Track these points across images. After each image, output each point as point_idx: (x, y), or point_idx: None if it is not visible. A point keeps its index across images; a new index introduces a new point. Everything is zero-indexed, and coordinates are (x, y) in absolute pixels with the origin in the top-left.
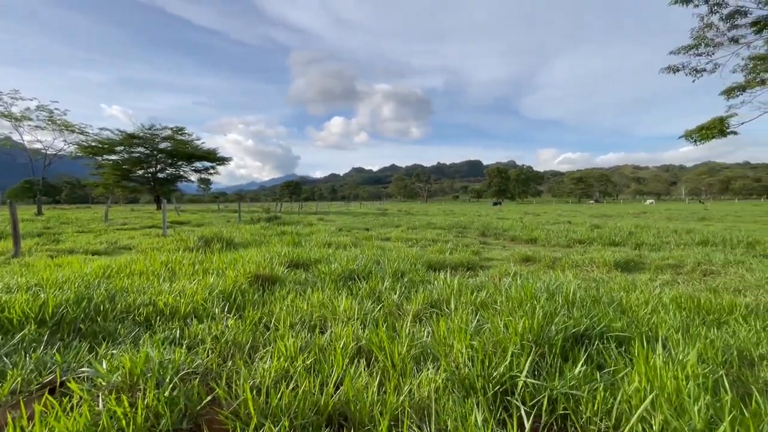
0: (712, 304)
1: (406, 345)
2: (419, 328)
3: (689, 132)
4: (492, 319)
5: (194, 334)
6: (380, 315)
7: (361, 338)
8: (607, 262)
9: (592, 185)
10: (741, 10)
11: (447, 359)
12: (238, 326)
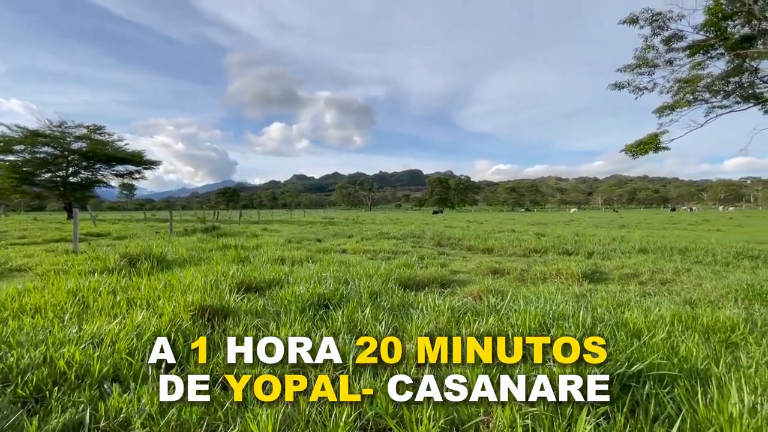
0: (713, 322)
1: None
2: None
3: (629, 146)
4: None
5: (115, 410)
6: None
7: (366, 410)
8: (574, 274)
9: (524, 195)
10: (678, 35)
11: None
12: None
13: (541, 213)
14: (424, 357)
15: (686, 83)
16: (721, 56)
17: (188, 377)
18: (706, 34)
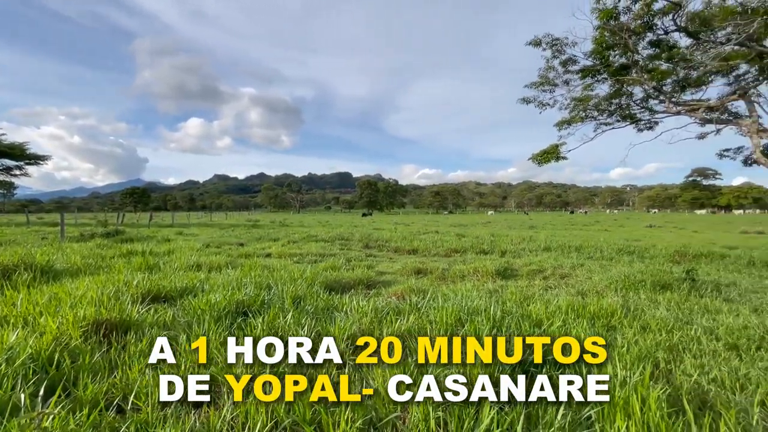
0: (598, 309)
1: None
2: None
3: (535, 155)
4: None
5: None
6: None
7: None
8: (489, 271)
9: (447, 198)
10: (573, 59)
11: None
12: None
13: (462, 215)
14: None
15: (580, 102)
16: (605, 80)
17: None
18: (593, 61)
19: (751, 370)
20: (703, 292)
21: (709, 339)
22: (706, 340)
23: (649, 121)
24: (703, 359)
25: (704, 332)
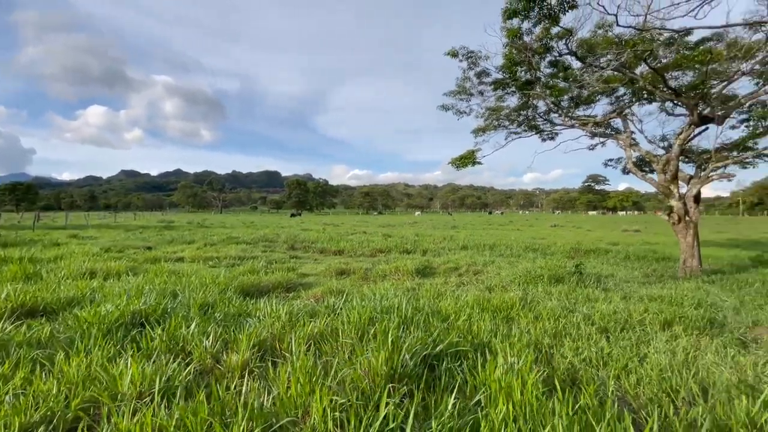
0: (500, 303)
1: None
2: (252, 386)
3: (454, 160)
4: (340, 356)
5: None
6: (191, 378)
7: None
8: (409, 270)
9: (377, 199)
10: (486, 72)
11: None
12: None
13: (391, 216)
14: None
15: (493, 111)
16: (514, 93)
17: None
18: (504, 75)
19: (614, 349)
20: (587, 283)
21: (587, 324)
22: (584, 326)
23: (551, 132)
24: (579, 342)
25: (583, 318)
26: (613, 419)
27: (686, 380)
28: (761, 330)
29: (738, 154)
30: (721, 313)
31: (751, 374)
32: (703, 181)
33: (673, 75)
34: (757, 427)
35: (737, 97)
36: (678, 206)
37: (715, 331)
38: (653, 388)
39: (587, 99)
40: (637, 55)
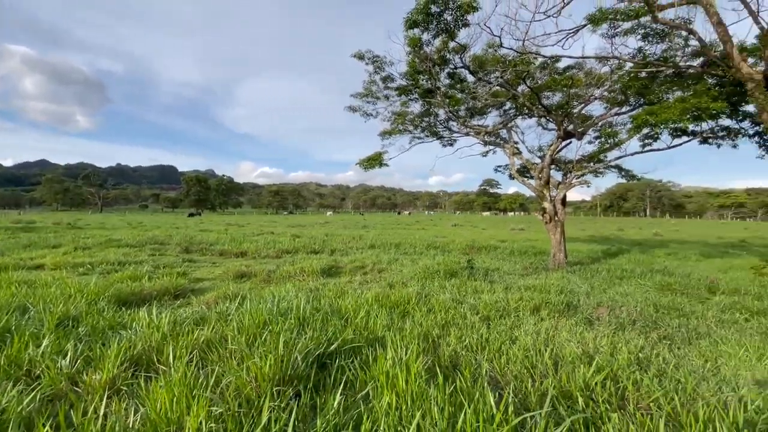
0: (398, 298)
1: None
2: (117, 407)
3: (362, 161)
4: (228, 364)
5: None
6: (34, 407)
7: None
8: (315, 270)
9: (287, 198)
10: (391, 77)
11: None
12: None
13: (303, 216)
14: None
15: (398, 116)
16: (417, 100)
17: None
18: (407, 81)
19: (492, 334)
20: (477, 276)
21: (473, 314)
22: (470, 315)
23: (450, 138)
24: (464, 330)
25: (470, 309)
26: (481, 397)
27: (543, 356)
28: (602, 309)
29: (593, 165)
30: (576, 297)
31: (592, 346)
32: (567, 187)
33: (546, 95)
34: (590, 389)
35: (592, 117)
36: (549, 207)
37: (570, 312)
38: (518, 366)
39: (480, 110)
40: (518, 74)
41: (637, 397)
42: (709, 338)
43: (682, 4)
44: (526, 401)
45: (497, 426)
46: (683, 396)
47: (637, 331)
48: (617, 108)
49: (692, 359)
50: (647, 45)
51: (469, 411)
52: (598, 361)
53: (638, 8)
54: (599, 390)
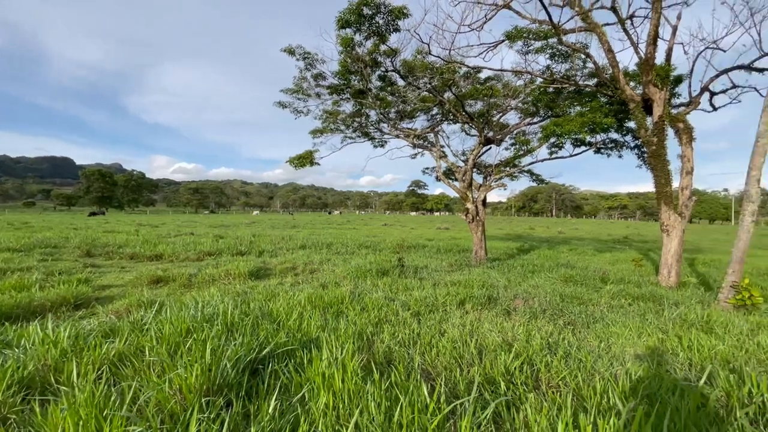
0: (332, 298)
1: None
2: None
3: (292, 159)
4: (147, 378)
5: None
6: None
7: None
8: (242, 273)
9: (208, 196)
10: (323, 75)
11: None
12: None
13: (226, 215)
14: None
15: (330, 115)
16: (349, 100)
17: None
18: (339, 81)
19: (422, 329)
20: (407, 274)
21: (404, 310)
22: (402, 312)
23: (381, 139)
24: (396, 327)
25: (402, 305)
26: (415, 389)
27: (469, 347)
28: (518, 301)
29: (509, 169)
30: (496, 290)
31: (510, 335)
32: (487, 189)
33: (469, 103)
34: (510, 373)
35: (509, 126)
36: (472, 208)
37: (491, 305)
38: (447, 357)
39: (410, 114)
40: (445, 81)
41: (549, 377)
42: (603, 322)
43: (581, 31)
44: (456, 389)
45: (431, 415)
46: (584, 373)
47: (547, 319)
48: (530, 118)
49: (590, 341)
50: (554, 63)
51: (405, 403)
52: (516, 348)
53: (547, 30)
54: (518, 374)
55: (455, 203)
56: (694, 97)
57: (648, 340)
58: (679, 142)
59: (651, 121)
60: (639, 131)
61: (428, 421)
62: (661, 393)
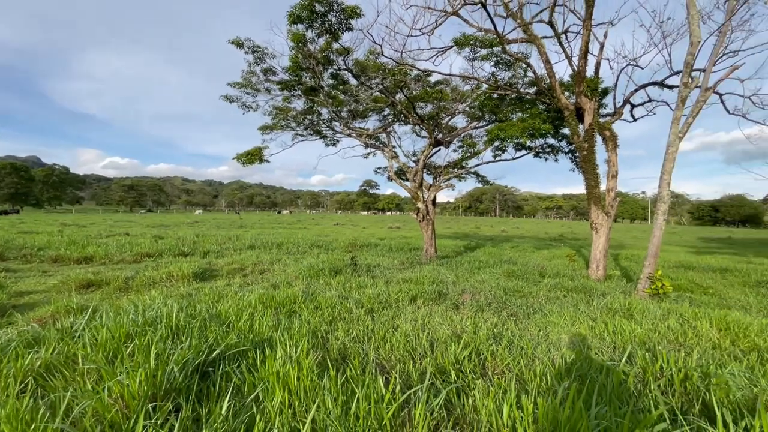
0: (284, 298)
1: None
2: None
3: (239, 155)
4: (81, 387)
5: None
6: None
7: None
8: (186, 274)
9: (145, 194)
10: (273, 70)
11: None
12: None
13: (166, 214)
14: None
15: (280, 111)
16: (300, 97)
17: None
18: (290, 77)
19: (376, 325)
20: (360, 273)
21: (358, 308)
22: (355, 309)
23: (333, 138)
24: (350, 324)
25: (355, 303)
26: (370, 382)
27: (421, 340)
28: (466, 296)
29: (457, 170)
30: (445, 286)
31: (459, 327)
32: (436, 189)
33: (419, 105)
34: (459, 363)
35: (457, 129)
36: (422, 207)
37: (441, 300)
38: (401, 351)
39: (362, 113)
40: (396, 83)
41: (494, 364)
42: (541, 312)
43: (522, 42)
44: (410, 380)
45: (387, 405)
46: (526, 359)
47: (492, 311)
48: (476, 122)
49: (531, 330)
50: (498, 71)
51: (362, 396)
52: (465, 339)
53: (492, 39)
54: (467, 363)
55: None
56: (617, 108)
57: (580, 327)
58: (606, 148)
59: (582, 129)
60: (572, 137)
61: (384, 411)
62: (590, 373)
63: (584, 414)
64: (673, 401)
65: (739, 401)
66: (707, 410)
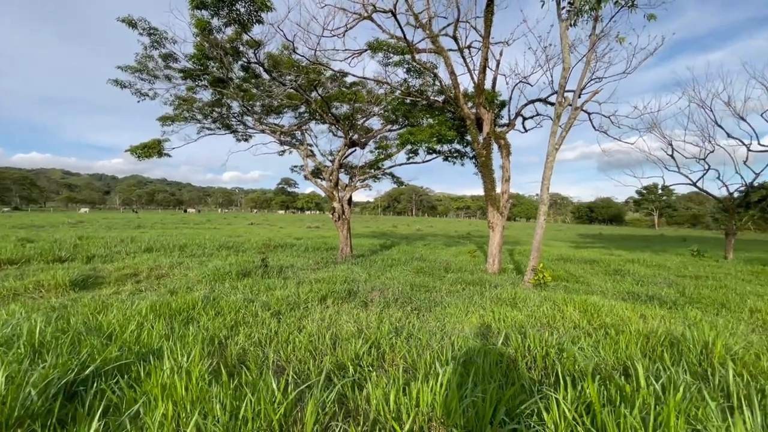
0: (181, 305)
1: None
2: None
3: (134, 147)
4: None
5: None
6: None
7: None
8: (60, 283)
9: (10, 188)
10: (174, 56)
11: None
12: None
13: (39, 213)
14: None
15: (184, 101)
16: (207, 88)
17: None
18: (195, 65)
19: (281, 327)
20: (271, 274)
21: (264, 310)
22: (261, 312)
23: (245, 133)
24: (253, 328)
25: (261, 306)
26: (265, 384)
27: (324, 338)
28: (375, 293)
29: (373, 171)
30: (357, 284)
31: (365, 323)
32: (352, 189)
33: (335, 105)
34: (360, 357)
35: (372, 131)
36: (338, 207)
37: (351, 298)
38: (302, 351)
39: (276, 109)
40: (311, 81)
41: (392, 356)
42: (442, 305)
43: (431, 52)
44: (308, 378)
45: (278, 404)
46: (420, 349)
47: (398, 307)
48: (390, 125)
49: (431, 322)
50: (410, 78)
51: (253, 399)
52: (366, 334)
53: (403, 47)
54: (366, 357)
55: (326, 202)
56: (511, 120)
57: (472, 317)
58: (501, 155)
59: (482, 137)
60: (473, 144)
61: (274, 411)
62: (473, 357)
63: (455, 393)
64: (534, 374)
65: (582, 369)
66: (559, 379)
